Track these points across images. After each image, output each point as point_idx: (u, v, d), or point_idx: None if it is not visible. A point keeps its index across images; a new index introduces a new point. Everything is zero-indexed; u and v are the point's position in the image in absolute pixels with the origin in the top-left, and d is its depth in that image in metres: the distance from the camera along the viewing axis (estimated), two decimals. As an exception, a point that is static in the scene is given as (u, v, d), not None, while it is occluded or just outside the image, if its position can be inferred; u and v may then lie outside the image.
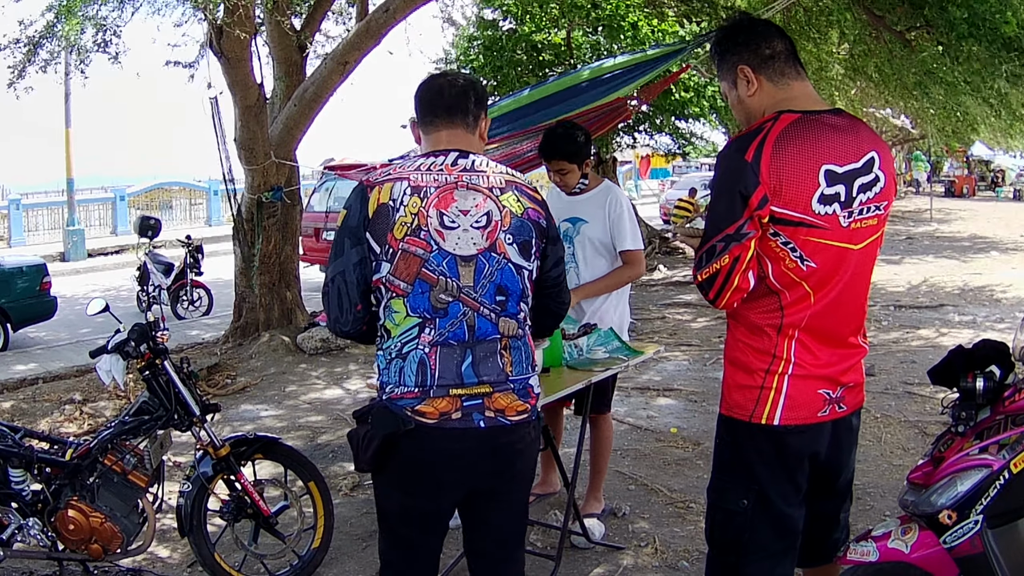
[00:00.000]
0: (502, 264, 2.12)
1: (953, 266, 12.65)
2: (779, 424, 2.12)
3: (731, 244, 2.04)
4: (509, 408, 2.12)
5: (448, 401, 2.06)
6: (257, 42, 7.38)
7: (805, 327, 2.11)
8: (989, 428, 2.38)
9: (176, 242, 11.05)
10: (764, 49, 2.16)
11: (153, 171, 29.23)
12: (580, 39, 12.52)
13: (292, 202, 7.95)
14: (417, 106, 2.27)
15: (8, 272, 8.97)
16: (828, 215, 2.05)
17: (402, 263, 2.07)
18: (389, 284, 2.08)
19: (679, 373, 6.74)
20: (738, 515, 2.19)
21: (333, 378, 6.90)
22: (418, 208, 2.07)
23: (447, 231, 2.08)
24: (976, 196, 29.02)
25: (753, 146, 2.02)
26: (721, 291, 2.09)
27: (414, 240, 2.07)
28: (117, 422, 3.35)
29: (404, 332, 2.09)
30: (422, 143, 2.28)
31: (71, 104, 16.88)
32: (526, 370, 2.17)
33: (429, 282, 2.07)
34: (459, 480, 2.15)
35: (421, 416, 2.06)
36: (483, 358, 2.09)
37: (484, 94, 2.31)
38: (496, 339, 2.12)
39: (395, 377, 2.09)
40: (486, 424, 2.09)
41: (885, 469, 4.55)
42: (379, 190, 2.10)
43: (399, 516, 2.20)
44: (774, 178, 2.00)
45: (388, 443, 2.08)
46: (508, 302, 2.13)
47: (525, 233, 2.15)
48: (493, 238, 2.11)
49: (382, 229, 2.08)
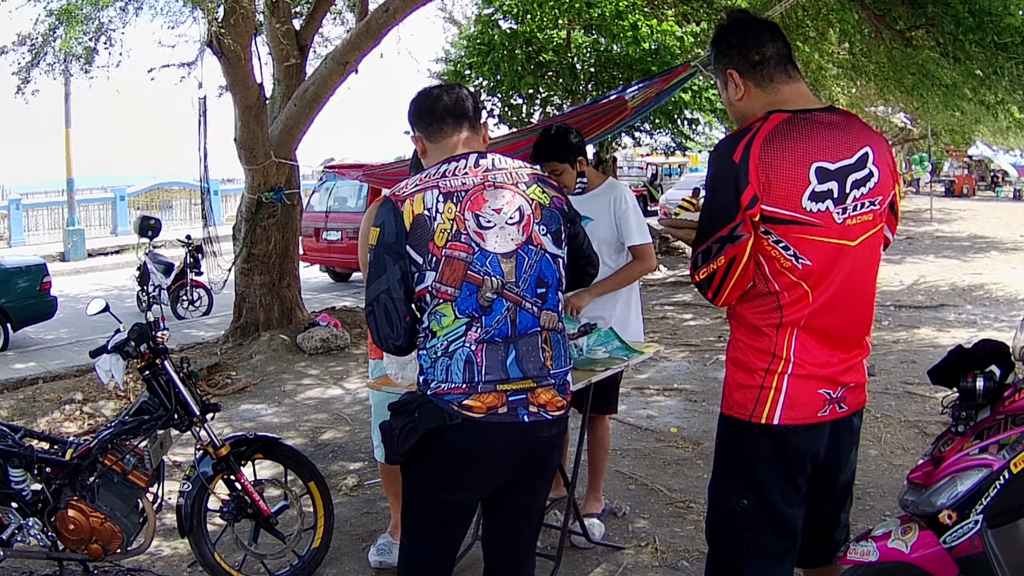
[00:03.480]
0: (540, 255, 2.18)
1: (953, 266, 12.65)
2: (779, 424, 2.12)
3: (726, 245, 2.05)
4: (550, 403, 2.18)
5: (495, 396, 2.11)
6: (257, 42, 7.38)
7: (805, 326, 2.11)
8: (989, 428, 2.38)
9: (176, 242, 11.05)
10: (753, 55, 2.16)
11: (153, 171, 29.20)
12: (579, 39, 12.52)
13: (292, 202, 7.95)
14: (419, 117, 2.29)
15: (8, 272, 8.97)
16: (821, 212, 2.05)
17: (447, 269, 2.10)
18: (436, 292, 2.11)
19: (679, 373, 6.74)
20: (738, 515, 2.19)
21: (333, 378, 6.90)
22: (454, 213, 2.11)
23: (485, 231, 2.12)
24: (976, 196, 29.02)
25: (741, 147, 2.03)
26: (719, 291, 2.11)
27: (456, 245, 2.10)
28: (117, 422, 3.35)
29: (450, 331, 2.12)
30: (429, 153, 2.30)
31: (71, 104, 16.90)
32: (564, 363, 2.24)
33: (475, 283, 2.10)
34: (498, 473, 2.19)
35: (468, 411, 2.09)
36: (526, 352, 2.14)
37: (479, 100, 2.35)
38: (537, 332, 2.16)
39: (442, 374, 2.12)
40: (530, 419, 2.14)
41: (885, 469, 4.55)
42: (411, 202, 2.12)
43: (430, 511, 2.23)
44: (763, 178, 2.01)
45: (428, 437, 2.11)
46: (548, 293, 2.19)
47: (555, 222, 2.22)
48: (528, 231, 2.17)
49: (422, 239, 2.10)
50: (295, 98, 7.56)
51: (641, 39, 11.06)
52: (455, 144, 2.25)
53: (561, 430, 2.28)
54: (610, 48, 11.98)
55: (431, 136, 2.27)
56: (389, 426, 2.18)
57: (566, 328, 3.43)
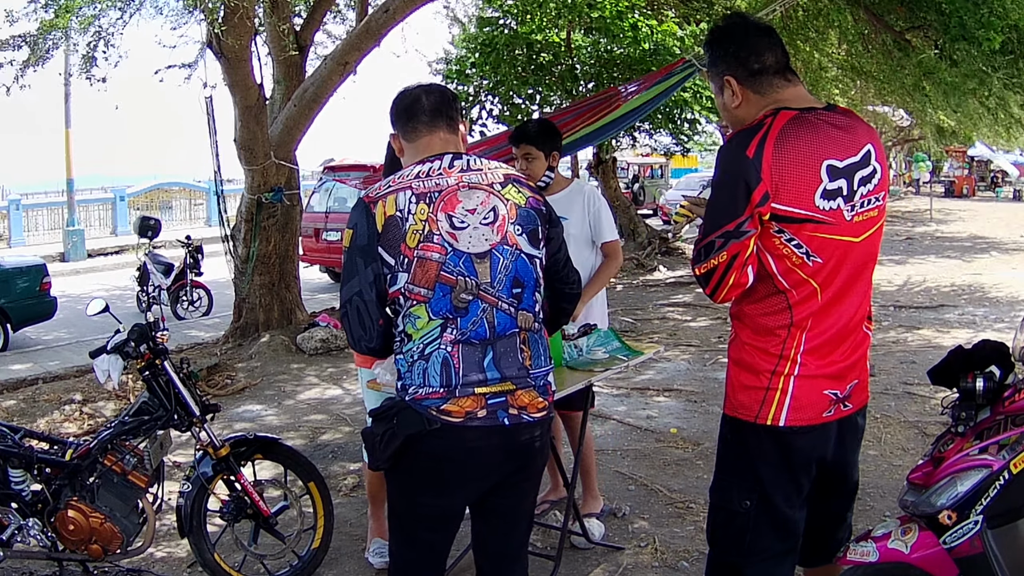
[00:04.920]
0: (515, 255, 2.16)
1: (953, 266, 12.65)
2: (784, 425, 2.12)
3: (730, 241, 2.05)
4: (531, 405, 2.16)
5: (473, 400, 2.09)
6: (257, 42, 7.38)
7: (813, 325, 2.11)
8: (989, 428, 2.37)
9: (176, 242, 11.05)
10: (753, 64, 2.15)
11: (153, 171, 29.22)
12: (579, 40, 12.51)
13: (292, 203, 7.95)
14: (396, 116, 2.29)
15: (8, 272, 8.97)
16: (833, 210, 2.05)
17: (419, 270, 2.08)
18: (409, 293, 2.09)
19: (679, 373, 6.74)
20: (740, 516, 2.19)
21: (333, 378, 6.90)
22: (427, 214, 2.10)
23: (458, 232, 2.11)
24: (976, 196, 29.02)
25: (755, 143, 2.02)
26: (718, 287, 2.10)
27: (428, 246, 2.09)
28: (117, 422, 3.35)
29: (426, 334, 2.10)
30: (405, 152, 2.29)
31: (71, 104, 16.90)
32: (544, 363, 2.22)
33: (449, 284, 2.09)
34: (482, 477, 2.18)
35: (447, 415, 2.08)
36: (503, 354, 2.13)
37: (457, 99, 2.34)
38: (515, 333, 2.15)
39: (419, 378, 2.10)
40: (510, 421, 2.12)
41: (885, 469, 4.55)
42: (383, 203, 2.11)
43: (416, 516, 2.21)
44: (776, 176, 2.01)
45: (409, 443, 2.10)
46: (524, 294, 2.17)
47: (531, 222, 2.20)
48: (503, 232, 2.14)
49: (394, 241, 2.09)
50: (295, 99, 7.56)
51: (641, 40, 11.05)
52: (431, 144, 2.23)
53: (545, 431, 2.24)
54: (610, 49, 11.97)
55: (407, 135, 2.27)
56: (371, 432, 2.17)
57: (566, 329, 3.47)
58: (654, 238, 14.75)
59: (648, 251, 14.04)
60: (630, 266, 12.70)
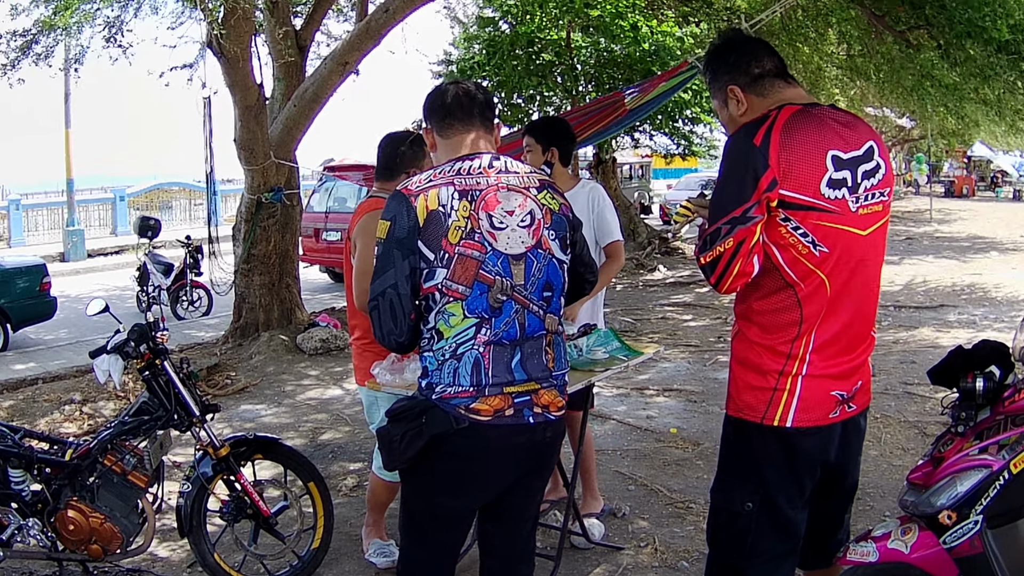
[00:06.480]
0: (548, 259, 2.18)
1: (953, 266, 12.65)
2: (791, 426, 2.12)
3: (736, 227, 2.05)
4: (552, 404, 2.19)
5: (501, 399, 2.10)
6: (257, 42, 7.38)
7: (822, 321, 2.11)
8: (989, 428, 2.38)
9: (176, 242, 11.05)
10: (754, 68, 2.20)
11: (153, 171, 29.21)
12: (579, 39, 12.52)
13: (292, 203, 7.95)
14: (432, 111, 2.29)
15: (8, 272, 8.96)
16: (838, 199, 2.07)
17: (459, 267, 2.08)
18: (447, 290, 2.09)
19: (679, 373, 6.74)
20: (743, 517, 2.19)
21: (333, 378, 6.90)
22: (469, 212, 2.10)
23: (497, 232, 2.12)
24: (976, 196, 29.01)
25: (761, 132, 2.06)
26: (723, 275, 2.10)
27: (470, 243, 2.09)
28: (117, 422, 3.35)
29: (459, 333, 2.10)
30: (438, 147, 2.29)
31: (71, 104, 16.88)
32: (564, 365, 2.26)
33: (487, 283, 2.09)
34: (506, 475, 2.19)
35: (475, 414, 2.08)
36: (530, 355, 2.15)
37: (493, 100, 2.35)
38: (542, 335, 2.18)
39: (448, 377, 2.10)
40: (535, 420, 2.15)
41: (885, 469, 4.55)
42: (425, 197, 2.10)
43: (431, 516, 2.21)
44: (783, 162, 2.03)
45: (433, 443, 2.09)
46: (553, 297, 2.20)
47: (563, 228, 2.23)
48: (538, 235, 2.17)
49: (436, 236, 2.08)
50: (295, 98, 7.56)
51: (641, 40, 11.06)
52: (465, 142, 2.24)
53: (561, 431, 2.28)
54: (610, 49, 11.98)
55: (441, 131, 2.27)
56: (388, 432, 2.15)
57: (565, 330, 3.47)
58: (654, 238, 14.76)
59: (648, 251, 14.05)
60: (630, 266, 12.69)
